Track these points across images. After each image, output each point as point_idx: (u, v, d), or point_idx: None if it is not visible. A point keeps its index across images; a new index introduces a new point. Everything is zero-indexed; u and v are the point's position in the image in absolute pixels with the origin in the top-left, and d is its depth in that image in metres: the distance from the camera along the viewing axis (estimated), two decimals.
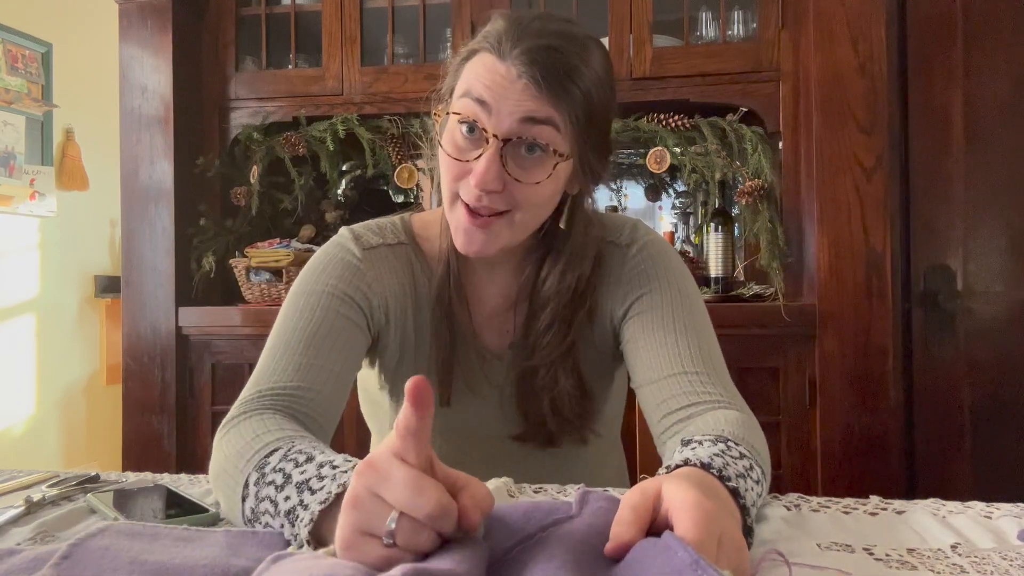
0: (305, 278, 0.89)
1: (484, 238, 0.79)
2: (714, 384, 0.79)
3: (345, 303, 0.86)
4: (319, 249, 0.93)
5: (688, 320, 0.84)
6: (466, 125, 0.77)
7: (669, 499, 0.50)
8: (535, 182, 0.77)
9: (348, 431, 1.90)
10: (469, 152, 0.78)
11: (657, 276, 0.87)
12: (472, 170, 0.76)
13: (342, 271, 0.88)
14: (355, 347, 0.86)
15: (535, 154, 0.77)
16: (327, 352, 0.82)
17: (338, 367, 0.82)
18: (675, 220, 2.44)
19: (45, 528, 0.64)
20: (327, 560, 0.46)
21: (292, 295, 0.87)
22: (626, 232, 0.91)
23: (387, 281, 0.90)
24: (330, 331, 0.83)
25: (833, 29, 1.72)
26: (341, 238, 0.92)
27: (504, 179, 0.76)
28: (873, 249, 1.69)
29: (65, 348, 3.26)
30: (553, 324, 0.86)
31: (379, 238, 0.92)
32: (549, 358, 0.87)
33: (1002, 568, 0.52)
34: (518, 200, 0.78)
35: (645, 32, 1.88)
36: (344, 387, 0.84)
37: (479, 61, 0.78)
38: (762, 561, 0.51)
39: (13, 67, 3.01)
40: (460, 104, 0.78)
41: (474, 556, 0.46)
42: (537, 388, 0.88)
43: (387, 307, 0.90)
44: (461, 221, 0.79)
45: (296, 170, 2.06)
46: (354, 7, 2.02)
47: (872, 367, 1.68)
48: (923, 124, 1.81)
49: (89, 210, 3.31)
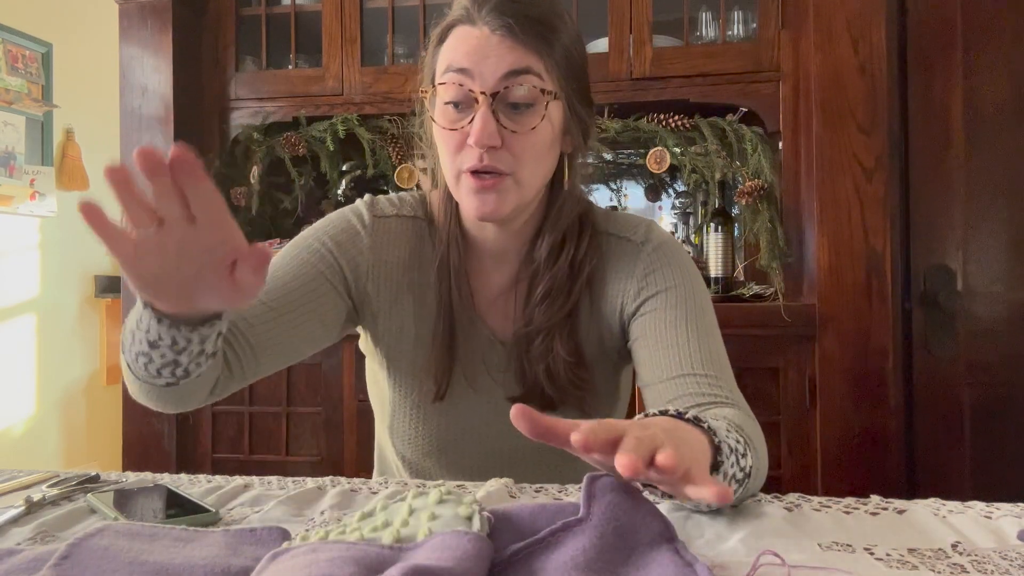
0: (308, 229, 0.93)
1: (495, 198, 0.80)
2: (720, 386, 0.79)
3: (324, 260, 0.88)
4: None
5: (698, 322, 0.84)
6: (452, 101, 0.80)
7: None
8: (531, 128, 0.79)
9: (348, 431, 1.90)
10: (462, 120, 0.80)
11: (672, 277, 0.88)
12: (467, 137, 0.79)
13: (340, 231, 0.91)
14: (320, 303, 0.87)
15: (525, 106, 0.79)
16: (283, 299, 0.83)
17: (289, 315, 0.83)
18: (675, 220, 2.44)
19: (45, 528, 0.64)
20: (325, 556, 0.45)
21: (295, 239, 0.92)
22: (641, 230, 0.91)
23: (388, 253, 0.91)
24: (294, 280, 0.85)
25: (833, 29, 1.72)
26: (359, 202, 0.94)
27: (502, 134, 0.78)
28: (873, 249, 1.69)
29: (65, 348, 3.26)
30: (550, 292, 0.87)
31: (395, 209, 0.94)
32: (546, 325, 0.87)
33: (1002, 568, 0.52)
34: (518, 154, 0.80)
35: (645, 32, 1.88)
36: (290, 334, 0.84)
37: (452, 37, 0.81)
38: (758, 562, 0.51)
39: (13, 67, 3.01)
40: (443, 79, 0.80)
41: (476, 555, 0.46)
42: (533, 355, 0.88)
43: (381, 277, 0.90)
44: (470, 188, 0.81)
45: (296, 170, 2.06)
46: (354, 7, 2.02)
47: (872, 367, 1.68)
48: (923, 124, 1.81)
49: None
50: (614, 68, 1.90)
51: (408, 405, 0.94)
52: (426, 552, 0.47)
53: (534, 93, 0.79)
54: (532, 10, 0.79)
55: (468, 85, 0.78)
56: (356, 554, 0.46)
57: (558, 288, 0.87)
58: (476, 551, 0.46)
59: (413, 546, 0.48)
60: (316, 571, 0.43)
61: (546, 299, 0.87)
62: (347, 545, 0.48)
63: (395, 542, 0.49)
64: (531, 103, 0.79)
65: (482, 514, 0.52)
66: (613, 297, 0.90)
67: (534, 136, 0.80)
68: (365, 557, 0.46)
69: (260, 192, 2.06)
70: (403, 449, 0.96)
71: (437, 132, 0.83)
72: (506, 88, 0.78)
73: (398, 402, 0.95)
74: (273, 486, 0.77)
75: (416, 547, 0.48)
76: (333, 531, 0.51)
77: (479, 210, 0.81)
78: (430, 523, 0.51)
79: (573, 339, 0.88)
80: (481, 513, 0.52)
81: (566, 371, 0.87)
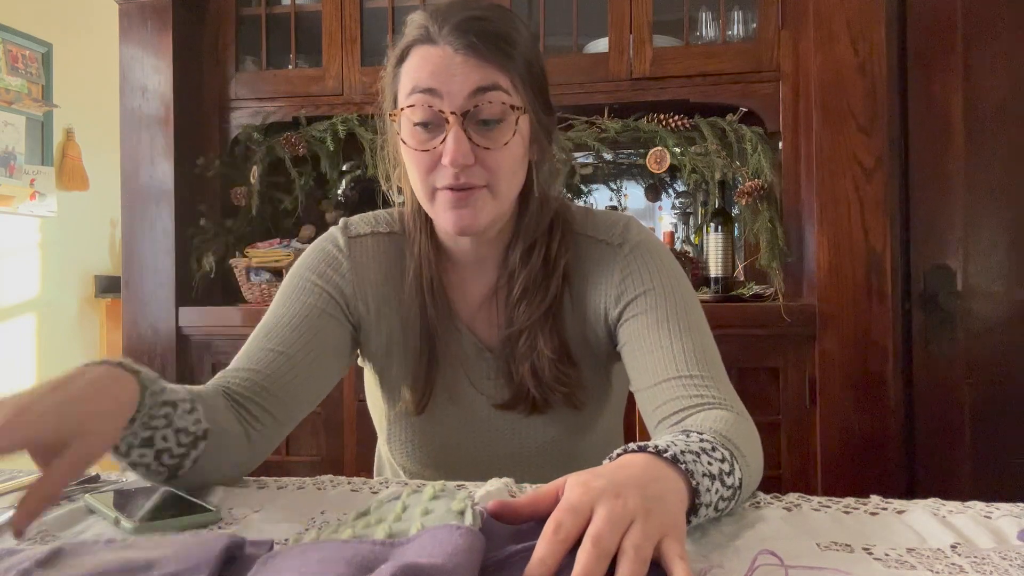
0: (293, 269, 0.93)
1: (471, 212, 0.80)
2: (708, 387, 0.78)
3: (314, 293, 0.88)
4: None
5: (684, 321, 0.83)
6: (421, 122, 0.79)
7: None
8: (504, 143, 0.79)
9: (348, 431, 1.90)
10: (433, 140, 0.79)
11: (651, 278, 0.87)
12: (440, 157, 0.78)
13: (319, 262, 0.91)
14: (326, 336, 0.88)
15: (495, 121, 0.79)
16: (288, 339, 0.85)
17: (300, 354, 0.84)
18: (675, 220, 2.44)
19: (45, 528, 0.64)
20: (316, 556, 0.45)
21: (283, 284, 0.92)
22: (617, 231, 0.90)
23: (369, 271, 0.91)
24: (293, 319, 0.86)
25: (833, 29, 1.72)
26: (333, 229, 0.95)
27: (475, 151, 0.78)
28: (873, 249, 1.69)
29: (65, 348, 3.26)
30: (527, 291, 0.87)
31: (370, 227, 0.94)
32: (527, 323, 0.87)
33: (1002, 568, 0.52)
34: (492, 169, 0.80)
35: (645, 32, 1.88)
36: (307, 373, 0.85)
37: (413, 57, 0.81)
38: (756, 562, 0.51)
39: (13, 67, 3.02)
40: (410, 101, 0.80)
41: (468, 548, 0.45)
42: (519, 355, 0.88)
43: (367, 296, 0.91)
44: (446, 203, 0.81)
45: (296, 170, 2.06)
46: (354, 7, 2.02)
47: (872, 367, 1.68)
48: (923, 124, 1.81)
49: (89, 210, 3.31)
50: (614, 68, 1.90)
51: (402, 418, 0.95)
52: (417, 547, 0.46)
53: (503, 108, 0.79)
54: (492, 26, 0.79)
55: (437, 105, 0.78)
56: (347, 553, 0.46)
57: (534, 285, 0.87)
58: (468, 545, 0.46)
59: (405, 540, 0.48)
60: (307, 571, 0.43)
61: (523, 298, 0.87)
62: (338, 544, 0.48)
63: (387, 537, 0.49)
64: (501, 119, 0.79)
65: (475, 508, 0.52)
66: (595, 302, 0.89)
67: (507, 150, 0.80)
68: (356, 556, 0.45)
69: (260, 192, 2.06)
70: (403, 461, 0.97)
71: (407, 152, 0.82)
72: (476, 106, 0.78)
73: (392, 416, 0.96)
74: (273, 486, 0.77)
75: (408, 542, 0.48)
76: (326, 531, 0.51)
77: (456, 225, 0.81)
78: (423, 518, 0.51)
79: (557, 336, 0.88)
80: (474, 508, 0.52)
81: (550, 368, 0.87)
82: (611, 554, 0.46)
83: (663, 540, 0.49)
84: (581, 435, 0.94)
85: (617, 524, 0.47)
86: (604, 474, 0.53)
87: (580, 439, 0.94)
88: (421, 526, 0.50)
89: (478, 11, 0.80)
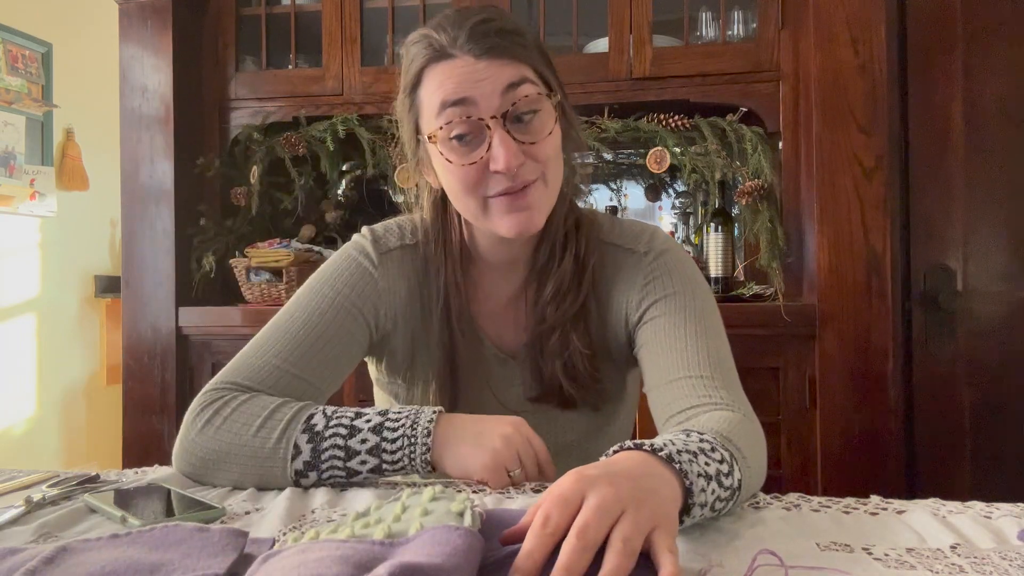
0: (321, 277, 0.91)
1: (528, 214, 0.81)
2: (717, 388, 0.79)
3: (351, 316, 0.88)
4: (341, 248, 0.95)
5: (700, 326, 0.85)
6: (459, 135, 0.79)
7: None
8: (547, 133, 0.80)
9: None
10: (475, 153, 0.79)
11: (673, 284, 0.88)
12: (486, 165, 0.78)
13: (355, 277, 0.90)
14: (347, 359, 0.89)
15: (531, 113, 0.80)
16: (324, 356, 0.86)
17: (328, 372, 0.86)
18: (675, 220, 2.44)
19: (45, 528, 0.64)
20: (314, 556, 0.45)
21: (304, 290, 0.90)
22: (644, 240, 0.92)
23: (399, 287, 0.92)
24: (330, 339, 0.86)
25: (833, 29, 1.72)
26: (361, 239, 0.94)
27: (522, 149, 0.79)
28: (873, 249, 1.69)
29: (65, 348, 3.26)
30: (560, 289, 0.88)
31: (398, 240, 0.94)
32: (560, 321, 0.88)
33: (1001, 568, 0.52)
34: (542, 160, 0.80)
35: (645, 32, 1.88)
36: (326, 392, 0.88)
37: (431, 77, 0.80)
38: (755, 562, 0.51)
39: (13, 67, 3.02)
40: (442, 118, 0.79)
41: (466, 549, 0.45)
42: (549, 352, 0.89)
43: (395, 313, 0.92)
44: (502, 208, 0.81)
45: (296, 170, 2.06)
46: (354, 7, 2.02)
47: (872, 367, 1.68)
48: (923, 124, 1.81)
49: (89, 210, 3.31)
50: (614, 68, 1.90)
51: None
52: (416, 547, 0.46)
53: (537, 99, 0.79)
54: (501, 24, 0.80)
55: (475, 114, 0.78)
56: (346, 552, 0.46)
57: (567, 285, 0.88)
58: (466, 546, 0.46)
59: (404, 541, 0.48)
60: (305, 571, 0.43)
61: (556, 296, 0.88)
62: (337, 544, 0.47)
63: (386, 537, 0.49)
64: (536, 109, 0.80)
65: (474, 510, 0.52)
66: (618, 308, 0.90)
67: (552, 138, 0.81)
68: (354, 555, 0.45)
69: (260, 192, 2.06)
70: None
71: (450, 171, 0.81)
72: (513, 104, 0.78)
73: None
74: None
75: (406, 542, 0.48)
76: (325, 531, 0.51)
77: (516, 228, 0.81)
78: (422, 519, 0.51)
79: (588, 334, 0.89)
80: (473, 509, 0.52)
81: (583, 364, 0.88)
82: (597, 545, 0.46)
83: (653, 532, 0.49)
84: (596, 438, 0.95)
85: (607, 513, 0.48)
86: (598, 467, 0.54)
87: (594, 442, 0.95)
88: (420, 527, 0.50)
89: (483, 14, 0.80)
